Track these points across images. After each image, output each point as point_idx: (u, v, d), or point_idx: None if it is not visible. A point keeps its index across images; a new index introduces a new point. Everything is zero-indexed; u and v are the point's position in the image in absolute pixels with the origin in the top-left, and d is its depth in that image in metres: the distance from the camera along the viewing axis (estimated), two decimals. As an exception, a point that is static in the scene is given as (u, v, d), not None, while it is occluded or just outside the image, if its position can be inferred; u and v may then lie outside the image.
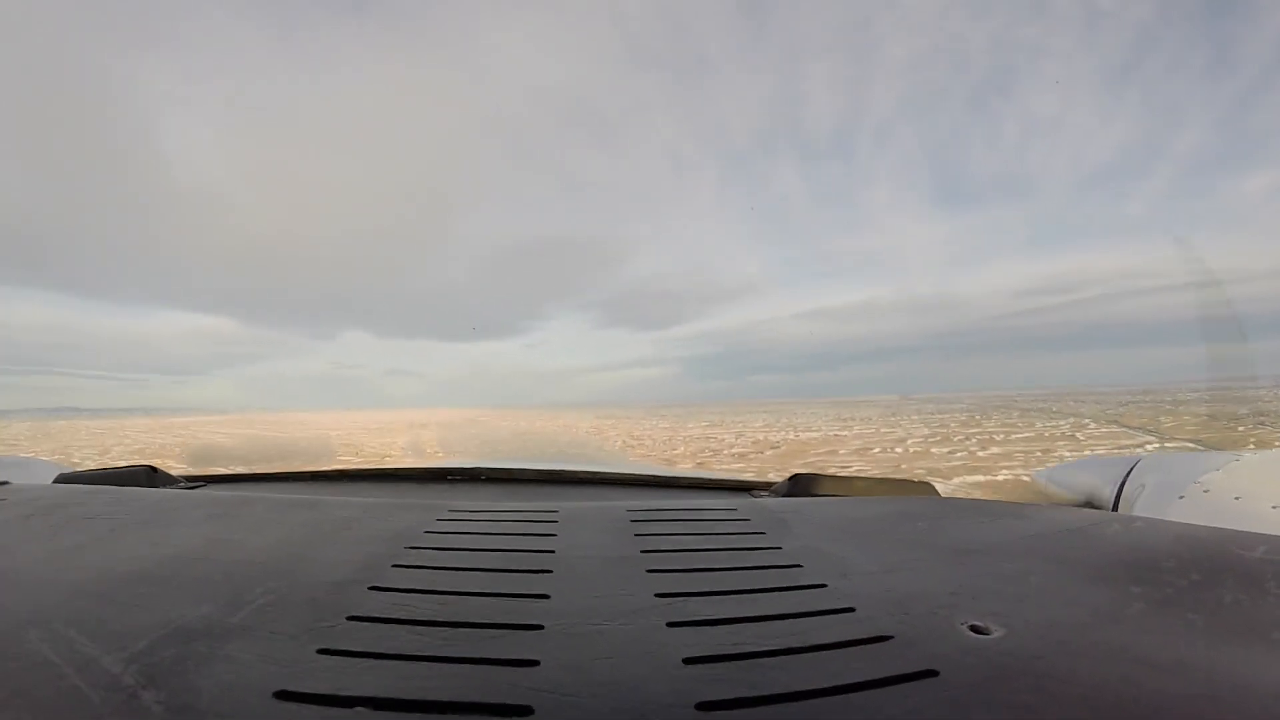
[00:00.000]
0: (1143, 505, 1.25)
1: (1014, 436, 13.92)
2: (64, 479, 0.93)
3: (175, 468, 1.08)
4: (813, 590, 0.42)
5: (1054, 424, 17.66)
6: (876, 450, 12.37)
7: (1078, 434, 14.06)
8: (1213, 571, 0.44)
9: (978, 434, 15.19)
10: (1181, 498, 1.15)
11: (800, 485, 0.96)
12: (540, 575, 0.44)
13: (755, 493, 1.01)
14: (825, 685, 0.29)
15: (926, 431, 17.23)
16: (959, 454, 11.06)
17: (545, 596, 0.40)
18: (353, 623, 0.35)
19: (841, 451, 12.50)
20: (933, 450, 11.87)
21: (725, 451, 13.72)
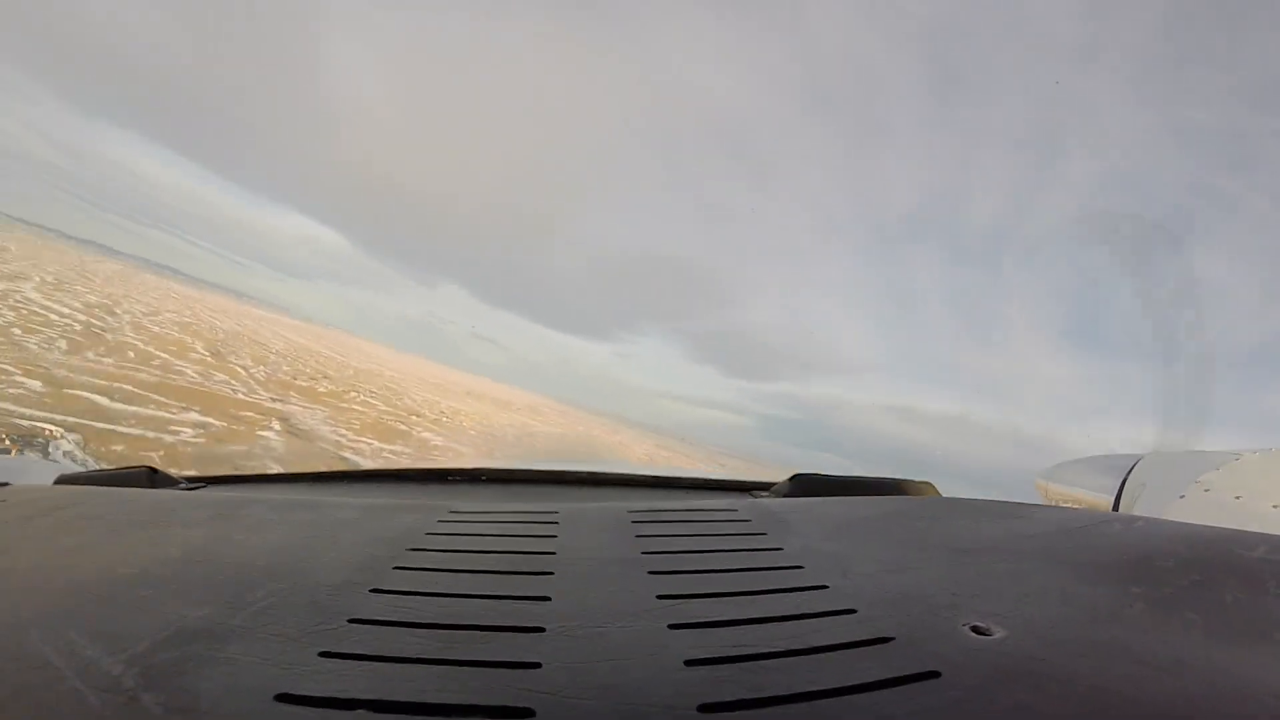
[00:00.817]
0: (1143, 505, 1.37)
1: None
2: (64, 480, 0.88)
3: (176, 467, 1.02)
4: (814, 591, 0.41)
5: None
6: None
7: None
8: (1214, 571, 0.44)
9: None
10: (1182, 497, 1.27)
11: (801, 485, 0.95)
12: (541, 577, 0.43)
13: (755, 493, 1.00)
14: (827, 687, 0.29)
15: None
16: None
17: (546, 599, 0.39)
18: (354, 625, 0.35)
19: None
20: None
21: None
